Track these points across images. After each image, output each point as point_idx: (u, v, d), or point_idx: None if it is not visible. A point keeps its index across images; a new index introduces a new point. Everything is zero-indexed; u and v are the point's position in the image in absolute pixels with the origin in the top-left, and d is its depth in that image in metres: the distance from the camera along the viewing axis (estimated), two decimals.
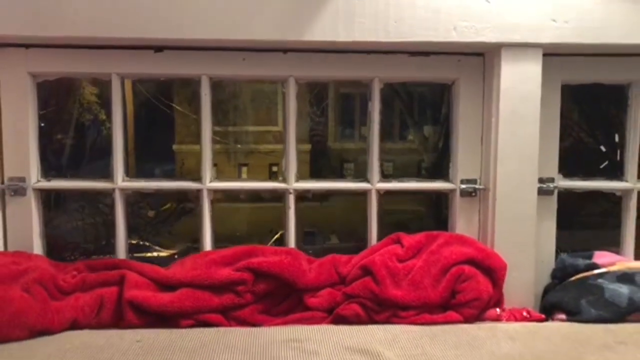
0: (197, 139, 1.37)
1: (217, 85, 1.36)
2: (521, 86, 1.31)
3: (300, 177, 1.39)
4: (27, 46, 1.30)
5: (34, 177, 1.32)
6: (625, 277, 1.32)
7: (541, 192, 1.39)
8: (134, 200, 1.47)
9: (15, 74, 1.29)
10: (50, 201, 1.48)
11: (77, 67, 1.31)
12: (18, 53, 1.29)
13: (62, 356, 1.07)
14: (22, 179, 1.30)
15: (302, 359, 1.07)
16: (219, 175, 1.40)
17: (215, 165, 1.33)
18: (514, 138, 1.32)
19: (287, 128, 1.33)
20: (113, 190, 1.34)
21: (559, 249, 1.45)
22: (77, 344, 1.13)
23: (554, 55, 1.36)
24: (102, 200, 1.61)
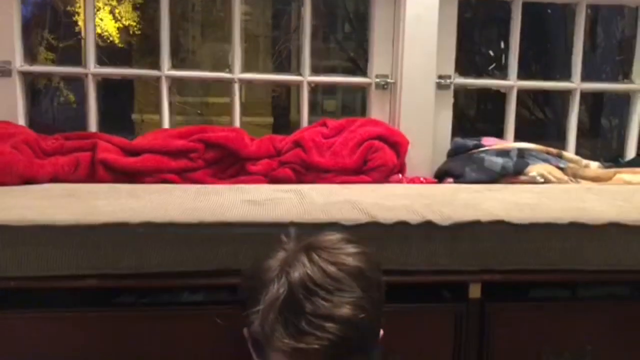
0: (156, 108, 1.60)
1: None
2: None
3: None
4: None
5: (19, 62, 1.56)
6: (502, 152, 1.67)
7: (440, 86, 1.71)
8: None
9: None
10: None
11: None
12: None
13: (49, 193, 1.34)
14: (9, 63, 1.54)
15: (241, 196, 1.37)
16: None
17: None
18: (417, 40, 1.64)
19: (233, 24, 1.61)
20: (86, 75, 1.60)
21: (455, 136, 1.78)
22: (59, 187, 1.41)
23: None
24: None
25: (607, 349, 1.17)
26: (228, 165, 1.60)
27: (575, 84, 1.79)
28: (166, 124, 1.67)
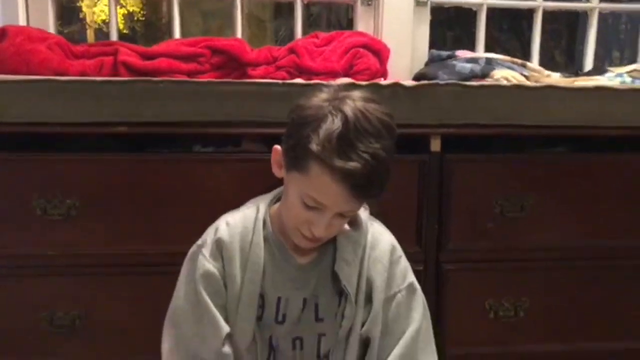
0: None
1: None
2: None
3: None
4: None
5: None
6: (471, 60, 1.89)
7: (418, 3, 1.94)
8: None
9: None
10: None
11: None
12: None
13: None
14: None
15: None
16: None
17: None
18: None
19: None
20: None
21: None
22: None
23: None
24: None
25: (545, 194, 1.41)
26: (231, 70, 1.83)
27: (538, 2, 2.02)
28: (177, 37, 1.91)
